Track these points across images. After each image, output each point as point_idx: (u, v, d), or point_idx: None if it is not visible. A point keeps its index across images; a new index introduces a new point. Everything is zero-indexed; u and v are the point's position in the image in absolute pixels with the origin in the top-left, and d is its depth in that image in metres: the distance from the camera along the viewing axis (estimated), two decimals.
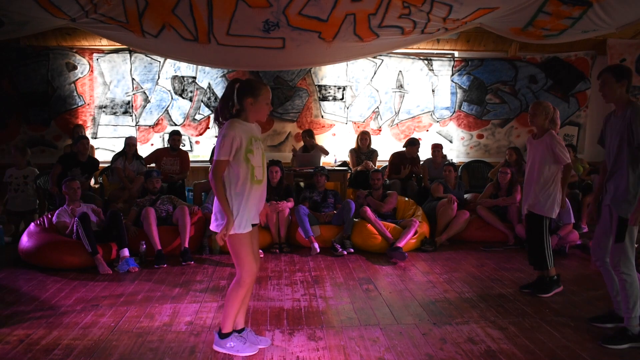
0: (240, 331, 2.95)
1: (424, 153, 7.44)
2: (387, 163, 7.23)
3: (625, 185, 2.96)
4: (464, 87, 8.13)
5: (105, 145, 7.58)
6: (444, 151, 7.30)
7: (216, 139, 2.72)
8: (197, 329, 3.24)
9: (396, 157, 7.12)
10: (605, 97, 3.09)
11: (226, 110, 2.74)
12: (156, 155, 7.00)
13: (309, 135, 7.26)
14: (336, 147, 7.80)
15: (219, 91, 7.72)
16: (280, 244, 5.42)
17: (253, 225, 2.77)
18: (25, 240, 4.85)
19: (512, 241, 5.61)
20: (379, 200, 5.83)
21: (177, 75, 7.67)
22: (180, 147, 7.10)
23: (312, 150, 7.12)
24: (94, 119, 7.56)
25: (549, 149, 3.73)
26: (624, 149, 2.97)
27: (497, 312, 3.55)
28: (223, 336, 2.87)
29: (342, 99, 7.96)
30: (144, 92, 7.65)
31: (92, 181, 6.86)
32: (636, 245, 4.96)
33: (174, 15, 5.49)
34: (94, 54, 7.48)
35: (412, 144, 7.00)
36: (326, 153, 7.24)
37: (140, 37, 5.80)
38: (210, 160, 6.70)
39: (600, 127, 3.30)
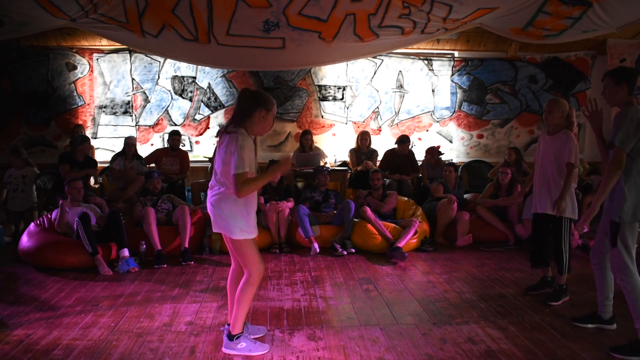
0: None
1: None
2: None
3: (612, 189, 2.95)
4: (464, 87, 8.13)
5: (105, 145, 7.59)
6: (444, 152, 7.31)
7: (226, 148, 2.68)
8: (197, 329, 3.24)
9: (389, 154, 7.17)
10: (608, 101, 3.08)
11: (239, 118, 2.75)
12: (156, 155, 6.99)
13: (307, 135, 7.22)
14: (336, 147, 7.80)
15: (219, 91, 7.72)
16: (280, 244, 5.42)
17: None
18: (25, 240, 4.85)
19: (512, 241, 5.61)
20: (379, 200, 5.83)
21: (177, 75, 7.68)
22: (180, 147, 7.10)
23: (311, 151, 7.11)
24: (94, 119, 7.56)
25: (564, 146, 3.62)
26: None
27: (497, 312, 3.55)
28: (233, 337, 2.88)
29: (342, 99, 7.96)
30: (144, 92, 7.65)
31: (92, 181, 6.86)
32: (636, 245, 4.97)
33: (174, 15, 5.49)
34: (94, 54, 7.48)
35: (402, 141, 7.06)
36: (324, 156, 7.24)
37: (140, 37, 5.80)
38: (211, 161, 6.70)
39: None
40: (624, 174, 2.92)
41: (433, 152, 7.07)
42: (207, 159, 7.39)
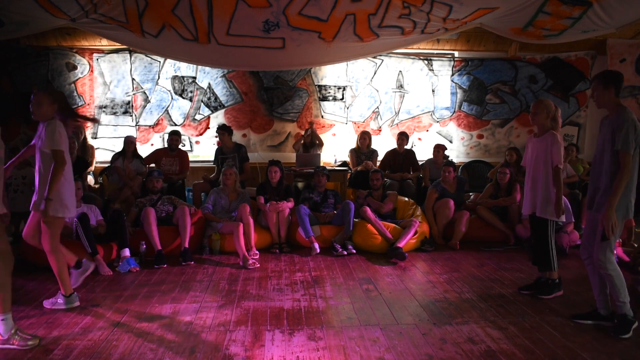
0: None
1: (426, 153, 7.45)
2: None
3: (605, 189, 3.09)
4: (464, 87, 8.13)
5: (105, 145, 7.58)
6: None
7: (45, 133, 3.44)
8: (197, 329, 3.24)
9: (389, 154, 7.19)
10: (596, 103, 3.27)
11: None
12: (156, 155, 6.98)
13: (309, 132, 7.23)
14: (336, 147, 7.80)
15: (219, 91, 7.72)
16: (280, 244, 5.41)
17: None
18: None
19: (512, 241, 5.61)
20: (379, 200, 5.83)
21: (177, 75, 7.67)
22: (180, 147, 7.09)
23: (312, 148, 7.11)
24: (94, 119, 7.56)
25: (550, 147, 3.72)
26: (607, 152, 3.12)
27: (497, 312, 3.55)
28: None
29: (342, 99, 7.96)
30: (144, 92, 7.64)
31: (92, 181, 6.86)
32: (636, 245, 4.99)
33: (174, 15, 5.49)
34: (94, 54, 7.48)
35: (400, 136, 7.15)
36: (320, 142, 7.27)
37: (140, 37, 5.80)
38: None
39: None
40: (611, 174, 3.07)
41: (440, 148, 7.08)
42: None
